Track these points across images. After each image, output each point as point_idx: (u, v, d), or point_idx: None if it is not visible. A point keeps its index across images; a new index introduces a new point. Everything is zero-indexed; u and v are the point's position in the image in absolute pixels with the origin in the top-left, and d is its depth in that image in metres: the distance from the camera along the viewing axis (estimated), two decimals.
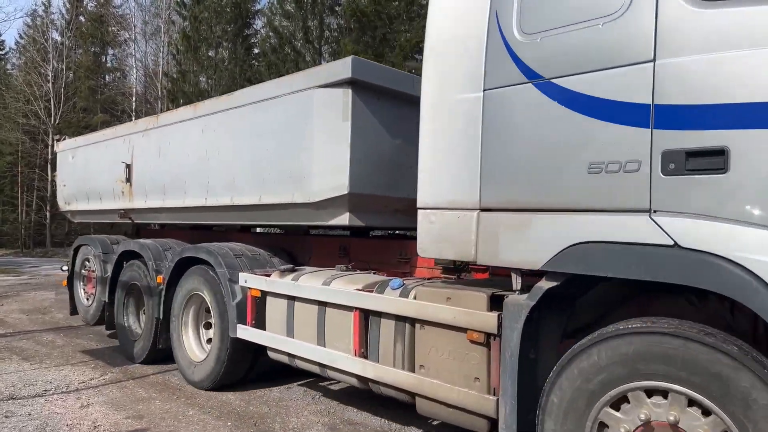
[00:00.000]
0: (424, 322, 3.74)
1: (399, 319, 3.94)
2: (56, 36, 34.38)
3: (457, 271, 4.60)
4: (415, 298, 3.85)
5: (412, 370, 3.84)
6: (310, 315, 4.63)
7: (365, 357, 4.19)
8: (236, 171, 5.42)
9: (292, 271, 5.04)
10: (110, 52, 38.14)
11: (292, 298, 4.82)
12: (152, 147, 6.71)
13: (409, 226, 5.32)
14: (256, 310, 5.24)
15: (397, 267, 5.12)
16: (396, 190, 4.77)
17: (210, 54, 31.06)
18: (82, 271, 8.47)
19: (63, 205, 9.03)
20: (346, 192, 4.41)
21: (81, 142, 8.49)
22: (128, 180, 7.14)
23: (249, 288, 5.21)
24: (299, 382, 5.91)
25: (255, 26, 32.90)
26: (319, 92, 4.58)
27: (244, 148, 5.32)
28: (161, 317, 6.32)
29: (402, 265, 5.11)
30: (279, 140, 4.93)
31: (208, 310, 6.06)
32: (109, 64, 38.31)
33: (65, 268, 8.74)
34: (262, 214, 5.27)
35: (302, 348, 4.66)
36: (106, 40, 36.22)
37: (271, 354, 5.11)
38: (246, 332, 5.19)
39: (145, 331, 6.65)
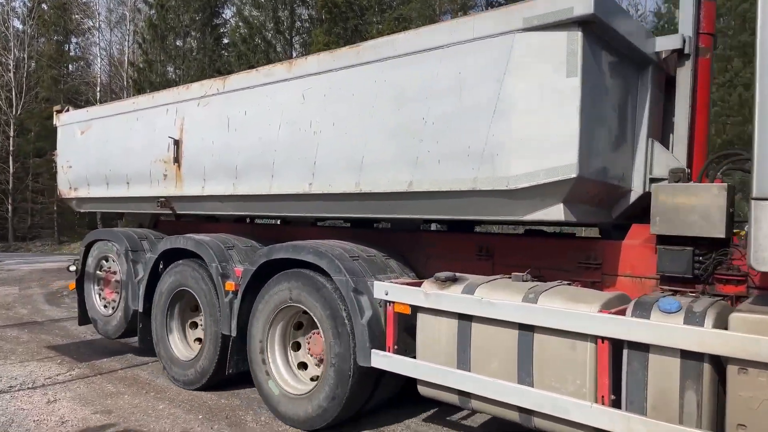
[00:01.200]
0: (750, 364, 2.59)
1: (689, 356, 2.78)
2: (18, 24, 32.94)
3: (688, 282, 3.47)
4: (724, 328, 2.70)
5: (719, 430, 2.70)
6: (504, 342, 3.42)
7: (617, 406, 3.02)
8: (365, 148, 4.10)
9: (454, 280, 3.79)
10: (74, 40, 36.70)
11: (467, 318, 3.59)
12: (215, 118, 5.28)
13: (595, 223, 4.17)
14: (401, 331, 3.99)
15: (575, 274, 3.96)
16: (611, 176, 3.60)
17: (178, 43, 30.88)
18: (98, 272, 6.90)
19: (66, 191, 7.39)
20: (573, 176, 3.20)
21: (97, 112, 6.88)
22: (176, 160, 5.66)
23: (390, 302, 3.94)
24: None
25: (224, 16, 32.83)
26: (525, 37, 3.34)
27: (382, 117, 4.01)
28: (234, 334, 4.94)
29: (581, 273, 3.95)
30: (447, 105, 3.66)
31: (298, 326, 4.75)
32: (72, 53, 36.65)
33: (73, 267, 7.14)
34: (410, 205, 3.98)
35: (489, 386, 3.43)
36: (69, 28, 34.68)
37: (424, 389, 3.86)
38: (386, 360, 3.92)
39: (206, 351, 5.26)
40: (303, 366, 4.77)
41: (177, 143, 5.65)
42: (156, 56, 29.45)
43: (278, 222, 6.51)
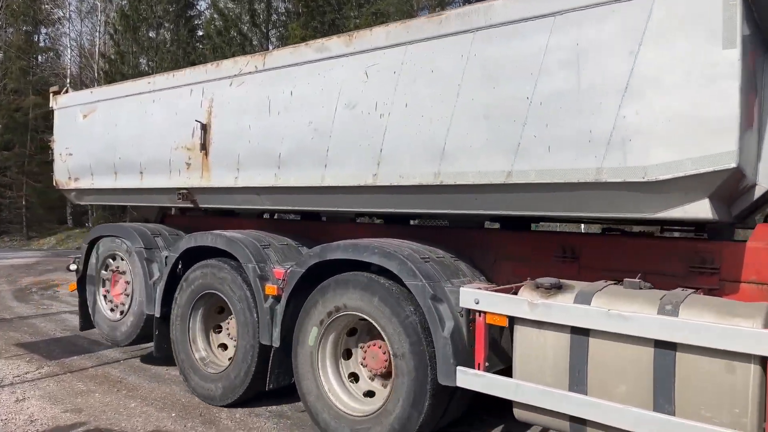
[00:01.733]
0: None
1: None
2: None
3: None
4: None
5: None
6: (635, 362, 2.90)
7: None
8: (448, 133, 3.54)
9: (559, 287, 3.26)
10: (43, 31, 35.70)
11: (582, 332, 3.06)
12: (253, 99, 4.65)
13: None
14: (492, 345, 3.45)
15: (687, 280, 3.47)
16: (748, 168, 3.10)
17: (150, 35, 30.43)
18: (103, 271, 6.20)
19: (65, 182, 6.65)
20: (730, 166, 2.69)
21: (103, 93, 6.16)
22: (203, 147, 5.01)
23: (481, 312, 3.39)
24: None
25: (199, 7, 33.65)
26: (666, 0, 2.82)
27: (470, 97, 3.45)
28: (277, 345, 4.35)
29: (694, 278, 3.46)
30: (560, 82, 3.12)
31: (352, 333, 4.19)
32: (42, 44, 35.56)
33: (74, 266, 6.43)
34: (508, 200, 3.43)
35: (616, 414, 2.91)
36: (38, 18, 33.59)
37: (523, 413, 3.33)
38: (478, 380, 3.37)
39: (238, 362, 4.65)
40: (353, 377, 4.21)
41: (204, 128, 4.99)
42: (128, 48, 29.23)
43: (298, 217, 5.92)
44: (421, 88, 3.66)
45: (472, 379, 3.38)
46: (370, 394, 4.14)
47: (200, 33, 31.31)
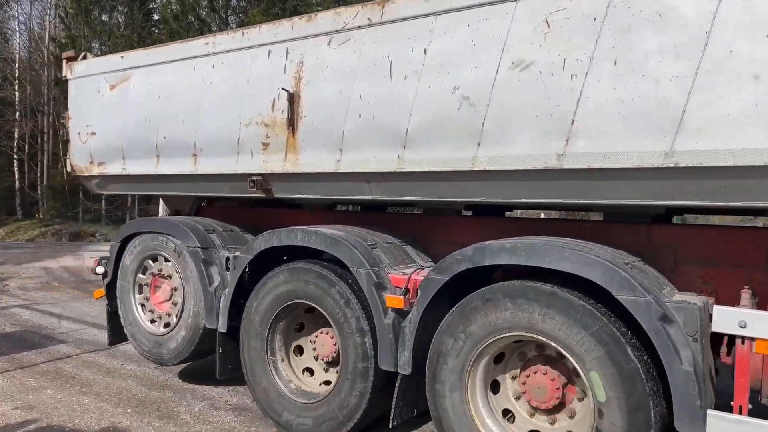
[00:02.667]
0: None
1: None
2: None
3: None
4: None
5: None
6: None
7: None
8: (686, 96, 2.64)
9: None
10: None
11: None
12: (365, 61, 3.65)
13: None
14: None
15: None
16: None
17: (103, 18, 29.64)
18: (140, 275, 5.13)
19: (85, 167, 5.51)
20: None
21: (141, 58, 5.00)
22: (290, 123, 3.99)
23: (751, 339, 2.54)
24: (203, 365, 5.27)
25: None
26: None
27: (724, 48, 2.56)
28: (407, 371, 3.42)
29: None
30: None
31: (497, 359, 3.28)
32: None
33: (101, 269, 5.32)
34: None
35: None
36: None
37: None
38: (737, 428, 2.52)
39: (344, 393, 3.73)
40: (505, 413, 3.33)
41: (291, 98, 3.98)
42: (80, 32, 28.42)
43: (356, 210, 4.97)
44: (645, 38, 2.75)
45: (732, 426, 2.53)
46: None
47: (156, 17, 30.41)
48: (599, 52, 2.86)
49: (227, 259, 4.59)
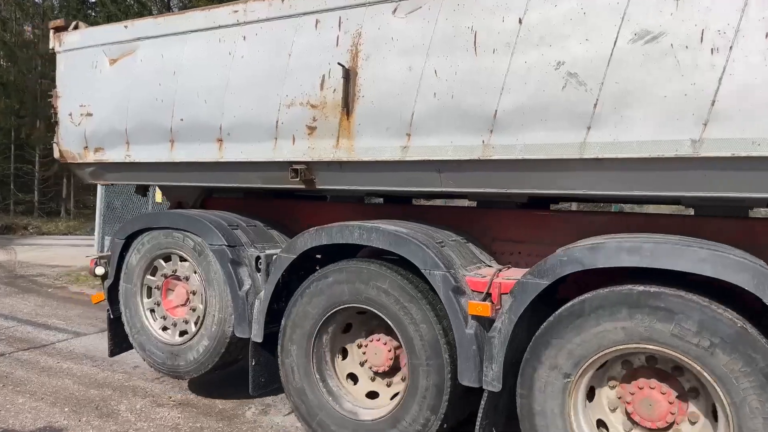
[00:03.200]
0: None
1: None
2: None
3: None
4: None
5: None
6: None
7: None
8: None
9: None
10: None
11: None
12: (441, 32, 3.17)
13: None
14: None
15: None
16: None
17: (36, 0, 28.20)
18: (149, 277, 4.51)
19: (78, 153, 4.82)
20: None
21: (151, 28, 4.33)
22: (345, 104, 3.47)
23: None
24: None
25: None
26: None
27: None
28: (497, 387, 3.00)
29: None
30: None
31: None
32: None
33: (101, 270, 4.67)
34: None
35: None
36: None
37: None
38: None
39: (411, 410, 3.27)
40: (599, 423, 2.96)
41: (348, 75, 3.46)
42: (10, 13, 26.53)
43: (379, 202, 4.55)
44: None
45: None
46: None
47: (92, 0, 28.70)
48: (747, 23, 2.48)
49: (257, 258, 4.06)
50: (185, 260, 4.33)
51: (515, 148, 3.02)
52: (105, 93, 4.56)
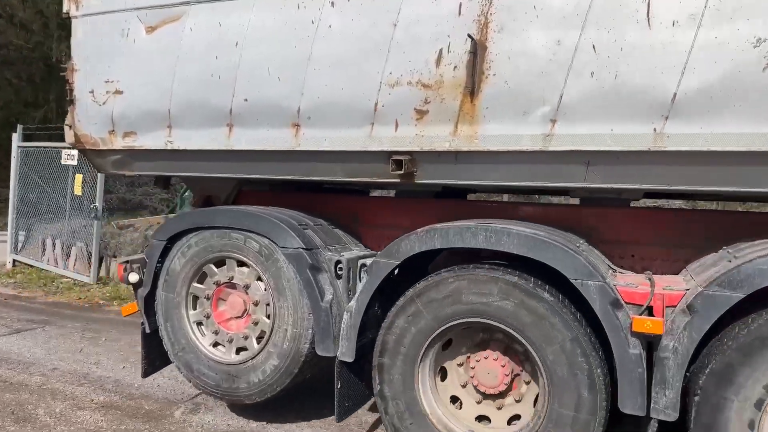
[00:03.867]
0: None
1: None
2: None
3: None
4: None
5: None
6: None
7: None
8: None
9: None
10: None
11: None
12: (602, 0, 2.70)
13: None
14: None
15: None
16: None
17: None
18: (196, 285, 3.85)
19: (101, 138, 4.07)
20: None
21: None
22: (469, 84, 2.94)
23: None
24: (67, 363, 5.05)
25: None
26: None
27: None
28: (673, 416, 2.60)
29: None
30: None
31: None
32: None
33: (135, 276, 3.96)
34: None
35: None
36: None
37: None
38: None
39: None
40: None
41: (475, 50, 2.93)
42: None
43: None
44: None
45: None
46: None
47: None
48: None
49: (337, 263, 3.49)
50: (245, 265, 3.70)
51: (698, 138, 2.59)
52: (140, 67, 3.84)
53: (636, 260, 3.44)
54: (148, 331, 4.00)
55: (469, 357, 3.24)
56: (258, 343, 3.66)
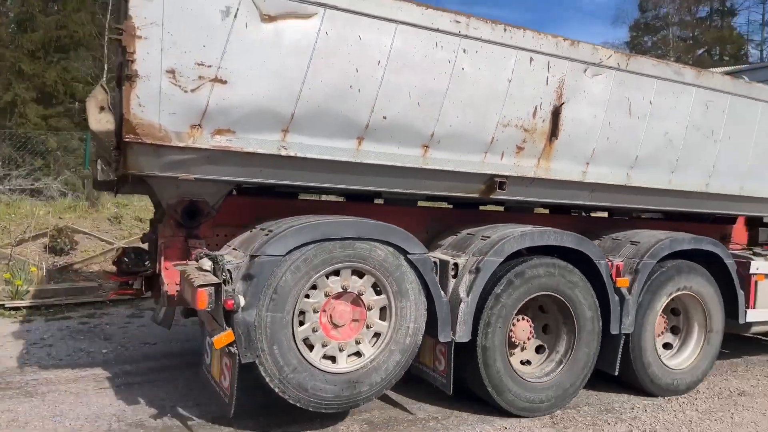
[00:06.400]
0: None
1: None
2: None
3: None
4: None
5: None
6: None
7: None
8: None
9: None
10: None
11: None
12: (614, 95, 4.60)
13: None
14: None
15: None
16: None
17: None
18: (306, 300, 3.66)
19: (177, 132, 3.14)
20: None
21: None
22: (552, 134, 4.32)
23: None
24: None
25: None
26: None
27: None
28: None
29: None
30: None
31: None
32: None
33: (242, 300, 3.36)
34: None
35: None
36: None
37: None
38: (754, 314, 5.62)
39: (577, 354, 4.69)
40: None
41: (557, 111, 4.35)
42: None
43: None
44: None
45: (752, 314, 5.58)
46: None
47: None
48: None
49: (454, 265, 4.17)
50: (361, 274, 3.83)
51: (646, 181, 4.86)
52: (256, 58, 3.34)
53: None
54: (243, 362, 3.46)
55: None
56: (372, 346, 3.89)
